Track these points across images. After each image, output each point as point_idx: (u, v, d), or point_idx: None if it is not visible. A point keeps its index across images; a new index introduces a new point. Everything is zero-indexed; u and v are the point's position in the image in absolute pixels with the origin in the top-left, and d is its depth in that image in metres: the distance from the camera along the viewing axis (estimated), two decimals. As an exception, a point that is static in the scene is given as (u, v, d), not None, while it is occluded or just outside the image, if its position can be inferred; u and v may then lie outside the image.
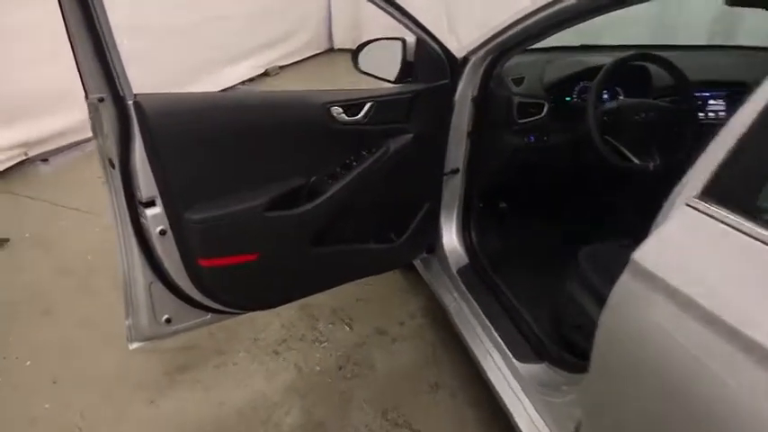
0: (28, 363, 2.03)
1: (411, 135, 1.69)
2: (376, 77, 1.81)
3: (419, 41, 1.69)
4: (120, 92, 1.20)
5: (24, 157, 3.70)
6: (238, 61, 5.57)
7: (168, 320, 1.54)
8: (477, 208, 2.07)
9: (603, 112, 1.74)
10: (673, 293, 0.79)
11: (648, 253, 0.88)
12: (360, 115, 1.58)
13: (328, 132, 1.53)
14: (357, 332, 2.20)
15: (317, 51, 6.92)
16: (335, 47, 7.07)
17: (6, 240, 2.78)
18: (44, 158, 3.79)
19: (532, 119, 1.83)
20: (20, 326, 2.20)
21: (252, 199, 1.44)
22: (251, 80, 5.72)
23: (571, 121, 1.88)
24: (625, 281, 0.92)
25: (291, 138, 1.49)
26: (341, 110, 1.54)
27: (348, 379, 1.97)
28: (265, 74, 5.94)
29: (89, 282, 2.48)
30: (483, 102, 1.80)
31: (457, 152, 1.89)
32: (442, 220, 2.01)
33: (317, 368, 2.02)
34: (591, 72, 1.88)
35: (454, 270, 2.01)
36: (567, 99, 1.94)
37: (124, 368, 1.99)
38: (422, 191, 1.86)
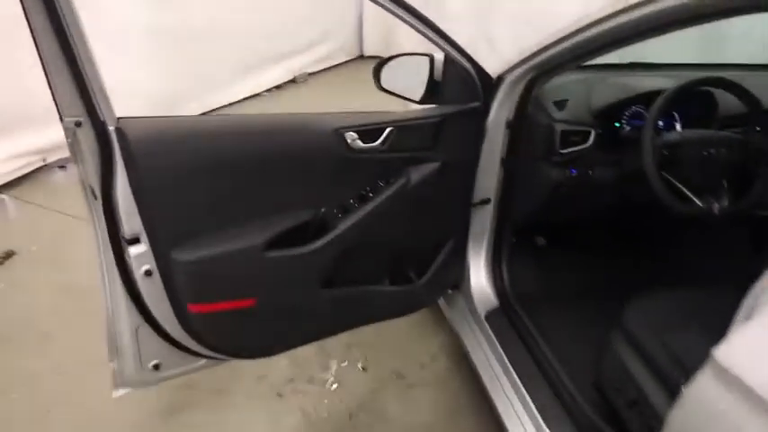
0: (14, 396, 1.89)
1: (436, 164, 1.48)
2: (399, 97, 1.61)
3: (448, 58, 1.48)
4: (100, 116, 1.04)
5: (42, 164, 3.63)
6: (266, 67, 5.44)
7: (156, 366, 1.37)
8: (510, 243, 1.84)
9: (662, 144, 1.49)
10: None
11: (736, 354, 0.67)
12: (378, 141, 1.38)
13: (341, 161, 1.34)
14: (372, 374, 1.99)
15: (347, 58, 6.76)
16: (365, 54, 6.89)
17: (12, 254, 2.67)
18: (62, 165, 3.71)
19: (576, 149, 1.60)
20: (11, 355, 2.06)
21: (251, 237, 1.26)
22: (278, 87, 5.59)
23: (620, 152, 1.65)
24: (705, 382, 0.70)
25: (298, 167, 1.31)
26: (356, 135, 1.34)
27: (358, 430, 1.77)
28: (293, 81, 5.81)
29: (91, 304, 2.34)
30: (519, 127, 1.58)
31: (488, 181, 1.68)
32: (470, 254, 1.79)
33: (325, 415, 1.83)
34: (645, 95, 1.64)
35: (482, 313, 1.79)
36: (617, 125, 1.70)
37: (118, 404, 1.83)
38: (447, 225, 1.65)
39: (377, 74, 1.65)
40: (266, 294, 1.33)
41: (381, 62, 1.64)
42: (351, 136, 1.34)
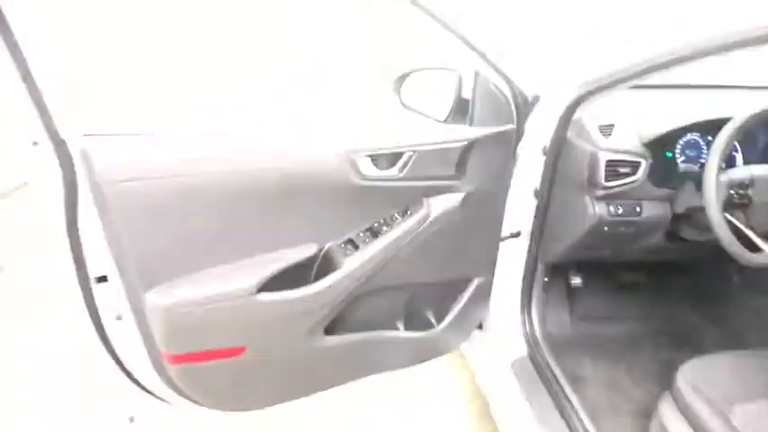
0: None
1: (461, 195, 1.28)
2: (421, 115, 1.42)
3: (479, 75, 1.29)
4: (60, 134, 0.87)
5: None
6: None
7: (131, 419, 1.20)
8: (542, 282, 1.63)
9: (729, 183, 1.26)
10: None
11: None
12: (395, 168, 1.19)
13: (351, 189, 1.15)
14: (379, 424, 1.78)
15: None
16: None
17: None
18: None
19: (624, 182, 1.38)
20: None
21: (241, 278, 1.07)
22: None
23: (673, 187, 1.42)
24: None
25: (299, 195, 1.12)
26: (370, 160, 1.16)
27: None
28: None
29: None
30: (557, 154, 1.37)
31: (518, 212, 1.47)
32: (496, 294, 1.58)
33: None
34: (705, 123, 1.42)
35: (507, 361, 1.57)
36: (668, 155, 1.48)
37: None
38: (472, 262, 1.44)
39: (398, 89, 1.46)
40: (259, 343, 1.15)
41: (403, 75, 1.46)
42: (364, 161, 1.16)
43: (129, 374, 1.12)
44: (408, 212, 1.26)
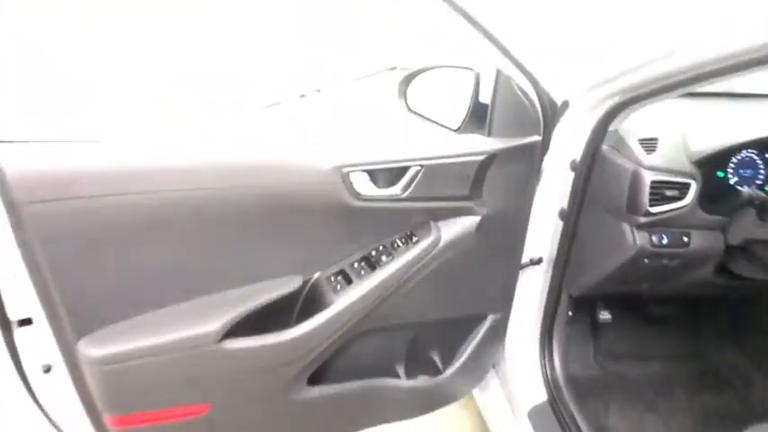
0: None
1: (477, 218, 1.07)
2: (431, 122, 1.21)
3: (501, 75, 1.08)
4: None
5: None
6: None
7: None
8: (565, 316, 1.41)
9: None
10: None
11: None
12: (398, 186, 0.98)
13: (343, 211, 0.95)
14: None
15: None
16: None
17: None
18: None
19: (672, 207, 1.17)
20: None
21: (201, 321, 0.86)
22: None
23: (726, 212, 1.21)
24: None
25: (279, 219, 0.92)
26: (366, 177, 0.95)
27: None
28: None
29: None
30: (589, 170, 1.15)
31: (540, 236, 1.25)
32: (513, 329, 1.37)
33: None
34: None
35: (524, 408, 1.35)
36: (720, 175, 1.26)
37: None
38: (487, 297, 1.23)
39: (403, 91, 1.25)
40: (224, 400, 0.93)
41: (410, 76, 1.25)
42: (359, 177, 0.95)
43: None
44: (413, 239, 1.04)
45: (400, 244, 1.04)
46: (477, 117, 1.14)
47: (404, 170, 0.98)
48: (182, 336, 0.84)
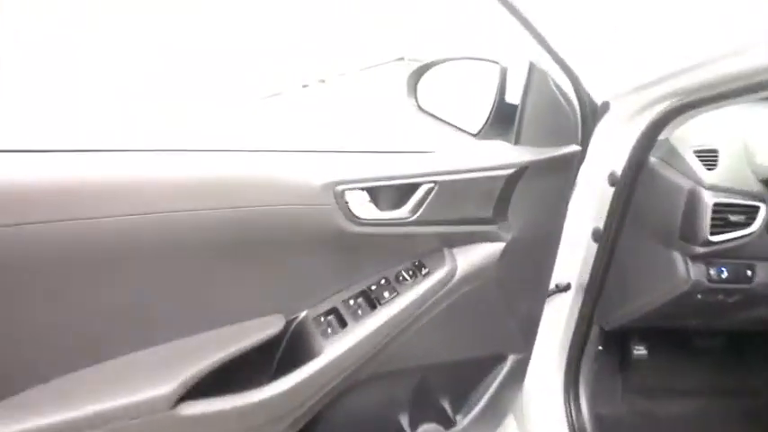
0: None
1: (501, 245, 0.88)
2: (446, 125, 1.01)
3: (535, 70, 0.88)
4: None
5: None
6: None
7: None
8: (595, 350, 1.22)
9: None
10: None
11: None
12: (405, 207, 0.79)
13: (338, 238, 0.76)
14: None
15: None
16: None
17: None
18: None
19: (737, 235, 0.97)
20: None
21: (151, 379, 0.67)
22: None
23: None
24: None
25: (257, 248, 0.73)
26: (366, 197, 0.75)
27: None
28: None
29: None
30: (632, 185, 0.96)
31: (569, 258, 1.06)
32: (533, 365, 1.18)
33: None
34: None
35: (546, 459, 1.16)
36: None
37: None
38: (508, 335, 1.04)
39: (413, 86, 1.06)
40: None
41: (421, 68, 1.05)
42: (357, 196, 0.75)
43: None
44: (423, 271, 0.85)
45: (407, 277, 0.85)
46: (502, 120, 0.95)
47: (413, 187, 0.79)
48: (124, 402, 0.65)
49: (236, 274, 0.75)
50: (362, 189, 0.76)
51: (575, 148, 0.89)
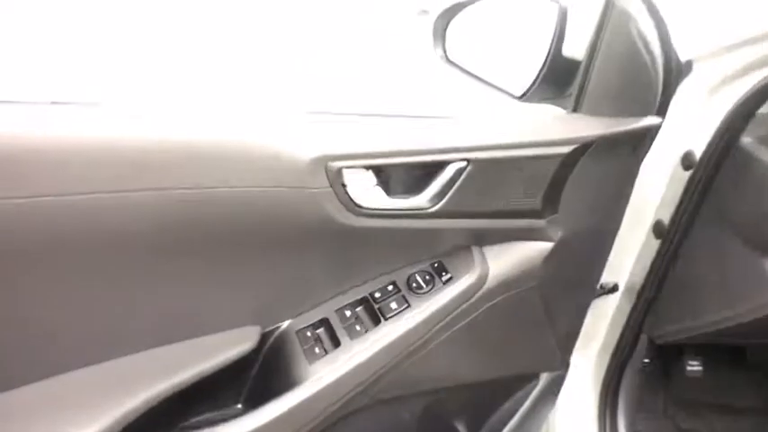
0: None
1: (549, 244, 0.67)
2: (481, 83, 0.78)
3: (614, 9, 0.64)
4: None
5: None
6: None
7: None
8: (640, 364, 1.03)
9: None
10: None
11: None
12: (425, 194, 0.58)
13: (332, 232, 0.56)
14: None
15: None
16: None
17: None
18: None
19: None
20: None
21: (72, 414, 0.50)
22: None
23: None
24: None
25: (223, 241, 0.55)
26: (373, 179, 0.55)
27: None
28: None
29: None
30: (715, 170, 0.74)
31: (619, 254, 0.86)
32: (568, 380, 0.99)
33: None
34: None
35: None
36: None
37: None
38: (543, 350, 0.84)
39: (440, 33, 0.82)
40: None
41: (450, 10, 0.82)
42: (360, 177, 0.55)
43: None
44: (443, 276, 0.65)
45: (422, 283, 0.65)
46: (557, 78, 0.72)
47: (437, 167, 0.58)
48: None
49: (197, 273, 0.57)
50: (367, 168, 0.55)
51: (654, 120, 0.67)
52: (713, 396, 1.21)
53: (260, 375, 0.63)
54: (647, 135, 0.70)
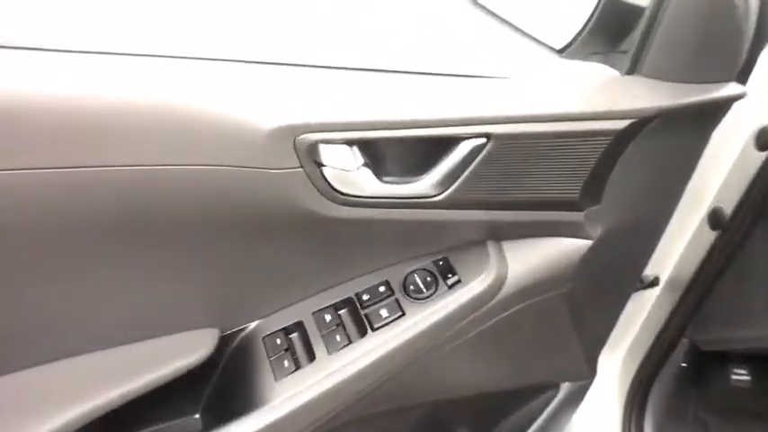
0: None
1: (587, 243, 0.52)
2: (511, 29, 0.62)
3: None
4: None
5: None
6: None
7: None
8: (677, 368, 0.92)
9: None
10: None
11: None
12: (429, 178, 0.44)
13: (307, 223, 0.42)
14: None
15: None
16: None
17: None
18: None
19: None
20: None
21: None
22: None
23: None
24: None
25: (174, 228, 0.44)
26: (360, 158, 0.41)
27: None
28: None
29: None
30: None
31: (665, 247, 0.73)
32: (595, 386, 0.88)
33: None
34: None
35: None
36: None
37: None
38: (569, 359, 0.72)
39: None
40: None
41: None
42: (340, 156, 0.41)
43: None
44: (451, 278, 0.52)
45: (421, 286, 0.52)
46: (611, 27, 0.56)
47: (445, 144, 0.44)
48: None
49: (142, 266, 0.45)
50: (350, 143, 0.41)
51: (736, 89, 0.51)
52: (745, 399, 1.09)
53: (221, 383, 0.53)
54: (724, 108, 0.54)
